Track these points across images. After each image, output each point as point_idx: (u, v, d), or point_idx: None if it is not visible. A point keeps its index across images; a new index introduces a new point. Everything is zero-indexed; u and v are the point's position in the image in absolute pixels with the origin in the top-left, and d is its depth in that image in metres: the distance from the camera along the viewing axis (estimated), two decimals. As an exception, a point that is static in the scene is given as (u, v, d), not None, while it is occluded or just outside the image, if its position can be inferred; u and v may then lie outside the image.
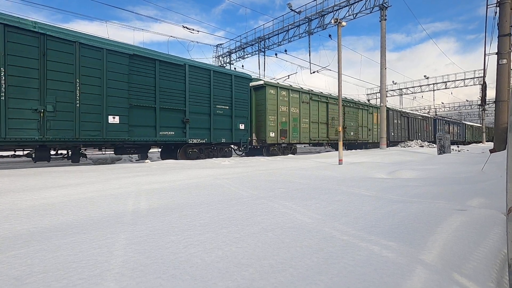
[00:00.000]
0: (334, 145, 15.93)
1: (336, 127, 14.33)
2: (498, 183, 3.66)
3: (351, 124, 16.37)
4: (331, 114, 14.75)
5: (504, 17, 10.38)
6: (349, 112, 16.29)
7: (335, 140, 14.57)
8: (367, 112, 18.16)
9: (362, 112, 17.72)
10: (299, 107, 12.75)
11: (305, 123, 13.18)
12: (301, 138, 12.89)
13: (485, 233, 1.83)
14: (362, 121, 17.67)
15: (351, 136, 16.28)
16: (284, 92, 12.17)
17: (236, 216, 2.23)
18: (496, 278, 1.35)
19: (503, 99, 10.55)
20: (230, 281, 1.21)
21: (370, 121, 18.53)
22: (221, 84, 9.57)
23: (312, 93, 13.66)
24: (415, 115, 24.72)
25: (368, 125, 18.06)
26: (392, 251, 1.51)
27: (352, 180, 4.55)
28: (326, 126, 14.56)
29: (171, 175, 4.63)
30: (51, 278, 1.24)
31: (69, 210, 2.48)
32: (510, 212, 1.18)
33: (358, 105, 17.35)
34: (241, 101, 10.33)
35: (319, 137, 14.06)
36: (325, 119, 14.56)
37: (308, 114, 13.36)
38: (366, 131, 18.08)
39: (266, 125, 11.13)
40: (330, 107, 14.74)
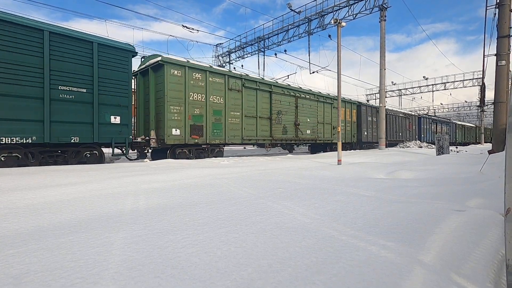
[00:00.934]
0: (284, 146, 13.86)
1: (284, 123, 11.84)
2: (496, 184, 3.67)
3: (307, 121, 13.35)
4: (277, 107, 11.66)
5: (503, 18, 10.41)
6: (304, 106, 13.23)
7: (281, 140, 11.85)
8: (331, 107, 15.19)
9: (324, 106, 14.66)
10: (224, 96, 9.63)
11: (234, 118, 9.99)
12: (228, 137, 9.78)
13: (483, 233, 1.84)
14: (324, 117, 14.69)
15: (307, 135, 13.36)
16: (199, 74, 8.96)
17: (235, 216, 2.23)
18: (494, 278, 1.36)
19: (501, 100, 10.58)
20: (229, 281, 1.21)
21: (336, 118, 15.45)
22: (71, 54, 6.40)
23: (246, 78, 10.45)
24: (395, 112, 21.95)
25: (332, 122, 15.22)
26: (391, 251, 1.51)
27: (351, 180, 4.55)
28: (269, 122, 11.27)
29: (169, 175, 4.62)
30: (49, 277, 1.23)
31: (68, 209, 2.47)
32: (508, 213, 1.19)
33: (318, 97, 14.18)
34: (113, 82, 7.10)
35: (257, 136, 10.76)
36: (268, 113, 11.27)
37: (240, 105, 10.16)
38: (330, 129, 15.19)
39: (165, 119, 8.09)
40: (274, 97, 11.58)
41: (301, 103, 13.13)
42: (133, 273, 1.27)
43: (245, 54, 25.68)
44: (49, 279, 1.22)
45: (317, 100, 14.18)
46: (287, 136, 12.25)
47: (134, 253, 1.50)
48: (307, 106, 13.51)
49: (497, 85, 10.72)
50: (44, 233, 1.83)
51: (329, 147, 15.97)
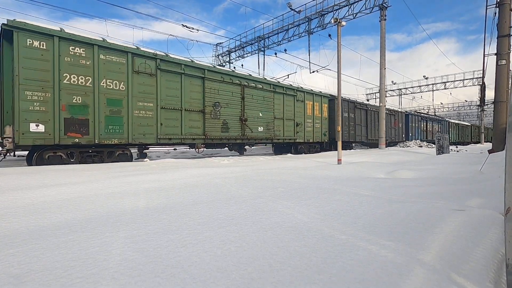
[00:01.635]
0: (231, 146, 10.69)
1: (225, 118, 9.62)
2: (496, 184, 3.67)
3: (258, 116, 10.88)
4: (214, 97, 9.32)
5: (504, 18, 10.41)
6: (255, 97, 10.73)
7: (221, 139, 9.59)
8: (294, 99, 12.61)
9: (284, 98, 12.16)
10: (127, 81, 7.27)
11: (145, 110, 7.66)
12: (133, 135, 7.39)
13: (483, 233, 1.84)
14: (284, 112, 12.14)
15: (258, 133, 10.88)
16: (81, 49, 6.60)
17: (235, 215, 2.23)
18: (494, 278, 1.36)
19: (502, 99, 10.58)
20: (229, 280, 1.21)
21: (301, 113, 13.05)
22: None
23: (163, 58, 8.05)
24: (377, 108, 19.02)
25: (296, 118, 12.69)
26: (391, 251, 1.51)
27: (351, 179, 4.56)
28: (202, 117, 8.96)
29: (170, 174, 4.63)
30: (49, 277, 1.23)
31: (68, 208, 2.48)
32: (508, 212, 1.19)
33: (275, 88, 11.66)
34: None
35: (183, 133, 8.48)
36: (200, 105, 8.92)
37: (154, 94, 7.83)
38: (292, 126, 12.59)
39: (17, 109, 5.77)
40: (210, 85, 9.16)
41: (250, 94, 10.58)
42: (133, 273, 1.27)
43: (245, 54, 25.67)
44: (50, 278, 1.22)
45: (273, 91, 11.56)
46: (229, 134, 9.79)
47: (134, 252, 1.50)
48: (258, 97, 10.94)
49: (497, 85, 10.72)
50: (44, 233, 1.83)
51: (294, 148, 13.17)
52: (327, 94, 15.07)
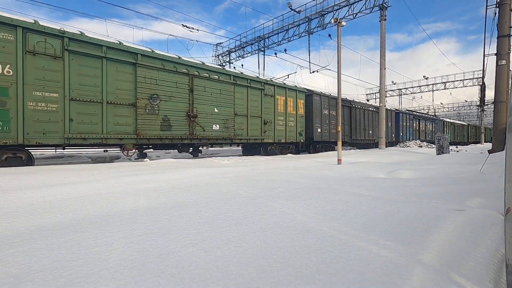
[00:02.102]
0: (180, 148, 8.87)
1: (166, 114, 8.08)
2: (496, 184, 3.67)
3: (213, 111, 9.26)
4: (150, 88, 7.71)
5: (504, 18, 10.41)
6: (208, 90, 9.14)
7: (161, 139, 7.99)
8: (261, 93, 11.01)
9: (249, 92, 10.51)
10: (16, 64, 5.71)
11: (46, 102, 6.11)
12: (27, 133, 5.87)
13: (483, 233, 1.84)
14: (248, 108, 10.51)
15: (213, 131, 9.30)
16: None
17: (235, 215, 2.23)
18: (494, 278, 1.36)
19: (502, 99, 10.59)
20: (229, 280, 1.21)
21: (270, 109, 11.46)
22: None
23: (74, 37, 6.44)
24: (363, 106, 17.97)
25: (263, 115, 11.13)
26: (391, 251, 1.51)
27: (351, 179, 4.56)
28: (134, 112, 7.39)
29: (169, 174, 4.63)
30: (49, 277, 1.23)
31: (68, 208, 2.48)
32: (508, 212, 1.19)
33: (236, 79, 10.06)
34: None
35: (105, 131, 6.95)
36: (131, 97, 7.34)
37: (60, 81, 6.27)
38: (259, 124, 10.99)
39: None
40: (144, 73, 7.54)
41: (202, 86, 8.95)
42: (133, 273, 1.27)
43: (245, 54, 25.68)
44: (50, 278, 1.22)
45: (233, 83, 9.82)
46: (172, 133, 8.16)
47: (134, 252, 1.50)
48: (214, 90, 9.30)
49: (497, 85, 10.72)
50: (44, 233, 1.83)
51: (263, 149, 11.68)
52: (303, 89, 13.36)
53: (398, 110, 23.39)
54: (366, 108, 18.30)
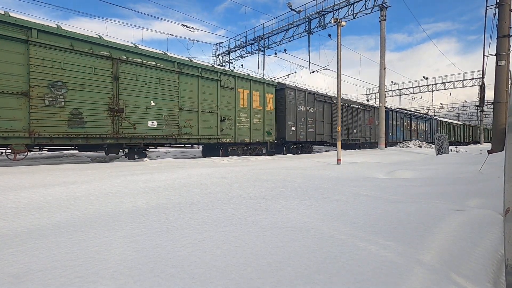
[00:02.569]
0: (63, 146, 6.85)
1: (77, 106, 6.39)
2: (496, 184, 3.68)
3: (149, 105, 7.70)
4: (52, 73, 6.14)
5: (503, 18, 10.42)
6: (141, 78, 7.56)
7: (69, 138, 6.38)
8: (218, 85, 9.38)
9: (200, 83, 8.84)
10: None
11: None
12: None
13: (482, 233, 1.84)
14: (200, 102, 8.85)
15: (149, 129, 7.73)
16: None
17: (235, 215, 2.23)
18: (493, 278, 1.36)
19: (501, 100, 10.60)
20: (228, 280, 1.21)
21: (230, 104, 9.82)
22: None
23: None
24: (346, 102, 16.31)
25: (220, 111, 9.46)
26: (390, 251, 1.51)
27: (351, 179, 4.56)
28: (26, 103, 5.86)
29: (169, 174, 4.62)
30: (48, 276, 1.23)
31: (67, 208, 2.47)
32: (508, 212, 1.19)
33: (181, 67, 8.38)
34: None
35: None
36: (22, 84, 5.81)
37: None
38: (215, 121, 9.32)
39: None
40: (40, 54, 5.96)
41: (131, 73, 7.33)
42: (133, 272, 1.27)
43: (245, 54, 25.68)
44: (49, 278, 1.22)
45: (178, 71, 8.13)
46: (86, 131, 6.64)
47: (134, 252, 1.50)
48: (149, 79, 7.64)
49: (497, 85, 10.73)
50: (43, 232, 1.83)
51: (223, 149, 10.05)
52: (273, 82, 11.73)
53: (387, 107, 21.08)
54: (350, 105, 16.66)
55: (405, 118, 23.22)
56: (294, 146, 13.12)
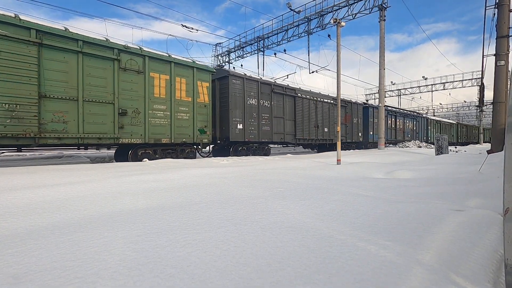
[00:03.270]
0: None
1: None
2: (495, 184, 3.68)
3: None
4: None
5: (502, 18, 10.44)
6: None
7: None
8: (115, 66, 7.20)
9: (84, 61, 6.71)
10: None
11: None
12: None
13: (482, 233, 1.84)
14: (84, 87, 6.69)
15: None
16: None
17: (234, 215, 2.23)
18: (492, 278, 1.36)
19: (500, 100, 10.61)
20: (228, 280, 1.21)
21: (137, 92, 7.61)
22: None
23: None
24: (315, 96, 13.90)
25: (119, 102, 7.30)
26: (390, 251, 1.51)
27: (350, 180, 4.56)
28: None
29: (169, 174, 4.62)
30: (48, 277, 1.23)
31: (67, 208, 2.47)
32: (507, 212, 1.19)
33: (42, 36, 6.03)
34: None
35: None
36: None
37: None
38: (111, 115, 7.15)
39: None
40: None
41: None
42: (132, 273, 1.27)
43: (244, 54, 25.70)
44: (48, 278, 1.22)
45: (36, 42, 5.92)
46: None
47: (133, 252, 1.50)
48: None
49: (496, 85, 10.75)
50: (43, 233, 1.83)
51: (132, 154, 7.81)
52: (209, 68, 9.43)
53: (367, 103, 19.27)
54: (320, 99, 14.22)
55: (390, 116, 20.87)
56: (243, 147, 10.87)
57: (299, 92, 13.31)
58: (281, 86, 12.40)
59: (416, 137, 25.08)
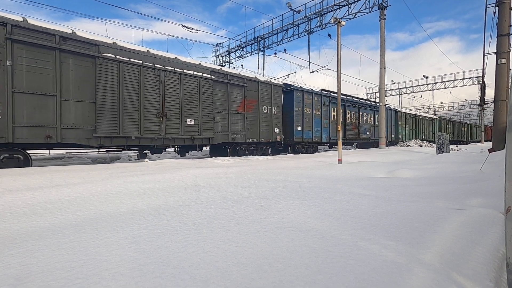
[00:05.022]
0: None
1: None
2: (496, 183, 3.67)
3: None
4: None
5: (503, 17, 10.40)
6: None
7: None
8: None
9: None
10: None
11: None
12: None
13: (483, 232, 1.84)
14: None
15: None
16: None
17: (235, 215, 2.23)
18: (494, 277, 1.36)
19: (502, 98, 10.58)
20: (229, 281, 1.21)
21: None
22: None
23: None
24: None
25: None
26: (391, 251, 1.51)
27: (351, 179, 4.55)
28: None
29: (169, 175, 4.62)
30: (49, 278, 1.23)
31: (68, 209, 2.48)
32: (509, 211, 1.19)
33: None
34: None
35: None
36: None
37: None
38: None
39: None
40: None
41: None
42: (134, 273, 1.27)
43: (245, 54, 25.68)
44: (50, 279, 1.22)
45: None
46: None
47: (135, 253, 1.50)
48: None
49: (497, 84, 10.72)
50: (44, 233, 1.83)
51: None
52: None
53: (290, 84, 13.24)
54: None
55: (332, 105, 14.55)
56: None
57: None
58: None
59: (375, 135, 18.52)
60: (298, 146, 13.31)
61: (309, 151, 13.88)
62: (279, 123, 12.10)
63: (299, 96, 12.97)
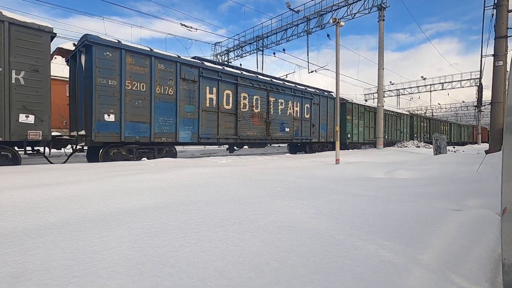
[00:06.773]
0: None
1: None
2: (493, 184, 3.69)
3: None
4: None
5: (501, 19, 10.47)
6: None
7: None
8: None
9: None
10: None
11: None
12: None
13: (480, 233, 1.85)
14: None
15: None
16: None
17: (233, 215, 2.23)
18: (490, 277, 1.37)
19: (499, 100, 10.65)
20: (227, 280, 1.21)
21: None
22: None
23: None
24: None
25: None
26: (389, 251, 1.51)
27: (349, 179, 4.57)
28: None
29: (168, 173, 4.61)
30: (46, 276, 1.23)
31: (65, 207, 2.46)
32: (505, 212, 1.19)
33: None
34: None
35: None
36: None
37: None
38: None
39: None
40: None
41: None
42: (131, 272, 1.27)
43: (244, 53, 25.67)
44: (47, 277, 1.21)
45: None
46: None
47: (132, 251, 1.50)
48: None
49: (495, 86, 10.78)
50: (41, 232, 1.82)
51: None
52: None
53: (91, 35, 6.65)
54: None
55: (207, 81, 8.92)
56: None
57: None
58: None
59: (312, 134, 13.57)
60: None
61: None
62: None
63: (109, 56, 6.81)
